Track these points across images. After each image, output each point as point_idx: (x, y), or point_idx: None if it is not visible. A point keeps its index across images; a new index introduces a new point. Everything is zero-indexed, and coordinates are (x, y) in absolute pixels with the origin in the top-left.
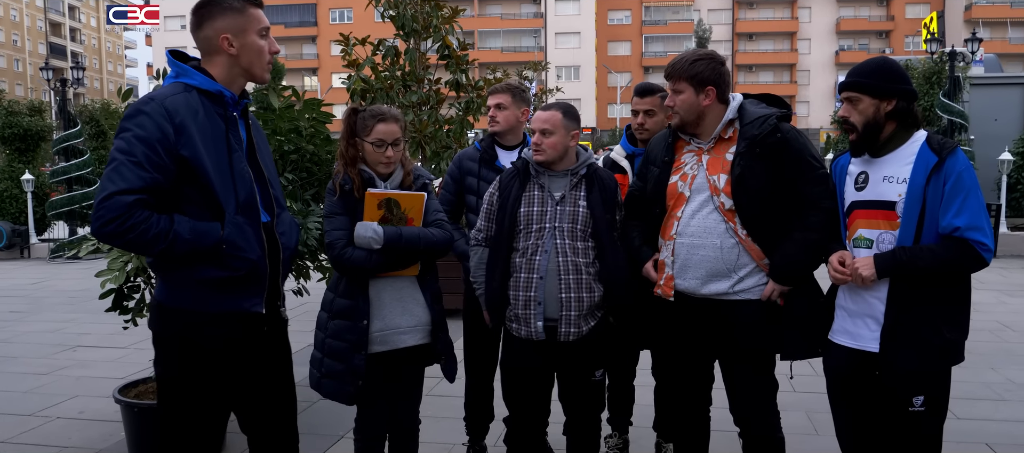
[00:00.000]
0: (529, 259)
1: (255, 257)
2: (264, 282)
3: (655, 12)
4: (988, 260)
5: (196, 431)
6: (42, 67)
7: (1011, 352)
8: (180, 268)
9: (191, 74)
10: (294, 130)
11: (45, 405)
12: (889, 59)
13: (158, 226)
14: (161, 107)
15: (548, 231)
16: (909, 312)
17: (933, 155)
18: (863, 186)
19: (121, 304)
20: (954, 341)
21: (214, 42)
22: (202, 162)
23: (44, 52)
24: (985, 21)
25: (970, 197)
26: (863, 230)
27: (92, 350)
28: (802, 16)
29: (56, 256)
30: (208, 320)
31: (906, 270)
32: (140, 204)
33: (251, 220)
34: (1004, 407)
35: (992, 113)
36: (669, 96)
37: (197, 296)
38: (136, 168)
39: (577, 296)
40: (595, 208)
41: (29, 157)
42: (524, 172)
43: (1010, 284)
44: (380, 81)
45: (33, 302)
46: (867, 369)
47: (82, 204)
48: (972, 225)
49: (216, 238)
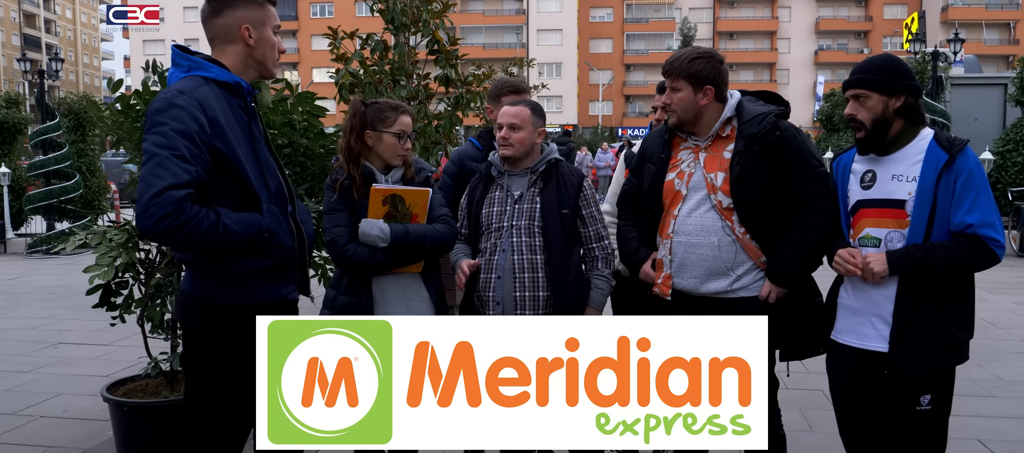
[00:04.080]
0: (488, 259)
1: (290, 244)
2: (296, 269)
3: (637, 10)
4: (1000, 256)
5: (227, 426)
6: (19, 58)
7: (997, 349)
8: (220, 261)
9: (207, 67)
10: (288, 124)
11: (28, 404)
12: (894, 56)
13: (209, 219)
14: (193, 99)
15: (506, 230)
16: (919, 311)
17: (944, 153)
18: (870, 185)
19: (109, 300)
20: (962, 340)
21: (233, 30)
22: (236, 154)
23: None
24: (961, 22)
25: (981, 194)
26: (870, 229)
27: (75, 347)
28: (782, 15)
29: (34, 251)
30: (248, 311)
31: (920, 267)
32: (190, 198)
33: (282, 209)
34: (993, 403)
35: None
36: (666, 94)
37: (236, 289)
38: (181, 162)
39: (532, 295)
40: (547, 203)
41: (5, 150)
42: (487, 175)
43: (992, 282)
44: (368, 75)
45: (11, 298)
46: (873, 368)
47: (60, 198)
48: (985, 222)
49: (260, 227)
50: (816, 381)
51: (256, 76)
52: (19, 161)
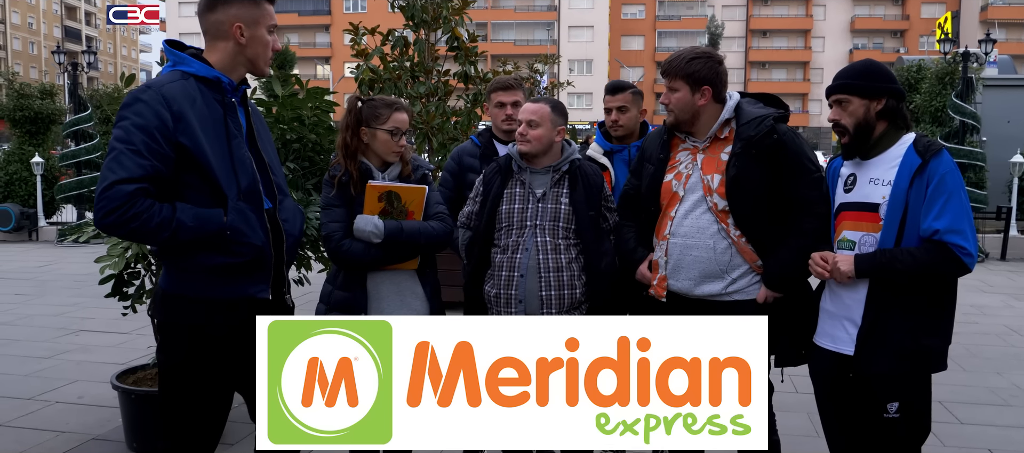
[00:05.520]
0: (511, 257)
1: (259, 243)
2: (269, 268)
3: (669, 7)
4: (970, 265)
5: (198, 418)
6: (54, 50)
7: (1018, 357)
8: (185, 255)
9: (188, 62)
10: (297, 119)
11: (45, 389)
12: (874, 60)
13: (161, 214)
14: (159, 95)
15: (529, 229)
16: (885, 315)
17: (917, 157)
18: (851, 188)
19: (120, 290)
20: (933, 348)
21: (225, 27)
22: (202, 149)
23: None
24: (1001, 22)
25: (952, 200)
26: (847, 232)
27: (95, 335)
28: (817, 13)
29: (63, 239)
30: (215, 307)
31: (884, 271)
32: (141, 193)
33: (254, 206)
34: (1008, 413)
35: (1005, 115)
36: (665, 94)
37: (203, 283)
38: (136, 156)
39: (558, 294)
40: (578, 204)
41: (39, 140)
42: (506, 168)
43: (1018, 287)
44: (388, 71)
45: (39, 285)
46: (844, 372)
47: (91, 188)
48: (952, 228)
49: (219, 224)
50: None
51: (245, 73)
52: (52, 151)
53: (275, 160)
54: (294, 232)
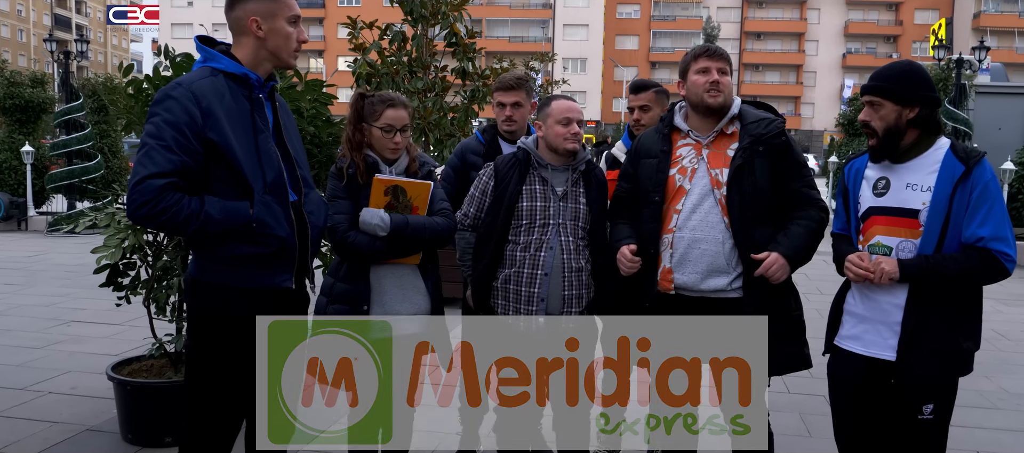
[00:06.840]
0: (533, 255)
1: (284, 234)
2: (294, 258)
3: (664, 8)
4: (1011, 270)
5: (222, 403)
6: (46, 38)
7: (1006, 361)
8: (214, 246)
9: (218, 58)
10: (295, 111)
11: (38, 379)
12: (915, 63)
13: (190, 207)
14: (189, 92)
15: (552, 227)
16: (928, 320)
17: (960, 164)
18: (883, 192)
19: (115, 281)
20: (969, 351)
21: (243, 23)
22: (230, 144)
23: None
24: (993, 30)
25: (995, 207)
26: (881, 236)
27: (87, 326)
28: (811, 17)
29: (54, 229)
30: (241, 294)
31: (931, 277)
32: (171, 187)
33: (279, 199)
34: (996, 415)
35: (996, 122)
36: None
37: (231, 272)
38: (166, 152)
39: (578, 293)
40: (594, 205)
41: (30, 129)
42: (525, 162)
43: (1007, 293)
44: (386, 66)
45: (29, 275)
46: (878, 376)
47: (81, 178)
48: (997, 235)
49: (246, 217)
50: (816, 386)
51: (272, 67)
52: (43, 140)
53: (301, 154)
54: (318, 224)
